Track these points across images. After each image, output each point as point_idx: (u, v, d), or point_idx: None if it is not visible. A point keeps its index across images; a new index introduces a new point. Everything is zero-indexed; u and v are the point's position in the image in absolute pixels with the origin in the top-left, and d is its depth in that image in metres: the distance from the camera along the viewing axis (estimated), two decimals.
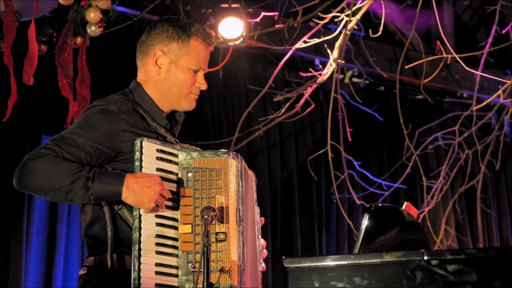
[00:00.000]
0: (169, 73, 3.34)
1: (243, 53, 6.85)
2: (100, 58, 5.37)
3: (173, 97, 3.35)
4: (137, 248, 3.01)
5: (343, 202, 7.09)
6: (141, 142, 3.09)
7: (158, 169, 3.11)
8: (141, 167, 3.09)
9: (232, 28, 6.16)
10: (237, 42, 6.13)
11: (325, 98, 7.20)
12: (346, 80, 7.44)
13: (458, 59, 5.49)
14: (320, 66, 6.63)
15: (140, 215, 3.06)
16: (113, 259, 3.14)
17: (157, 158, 3.14)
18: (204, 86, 3.40)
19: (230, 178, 3.17)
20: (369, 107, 7.17)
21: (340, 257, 2.45)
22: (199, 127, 6.65)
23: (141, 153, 3.10)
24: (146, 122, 3.28)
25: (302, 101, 6.04)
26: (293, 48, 6.17)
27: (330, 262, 2.45)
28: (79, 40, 4.49)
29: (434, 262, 2.33)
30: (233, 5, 6.23)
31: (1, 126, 4.67)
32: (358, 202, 6.52)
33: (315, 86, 6.05)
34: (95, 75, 4.77)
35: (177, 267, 3.08)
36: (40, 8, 4.14)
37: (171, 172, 3.15)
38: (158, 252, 3.06)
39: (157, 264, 3.05)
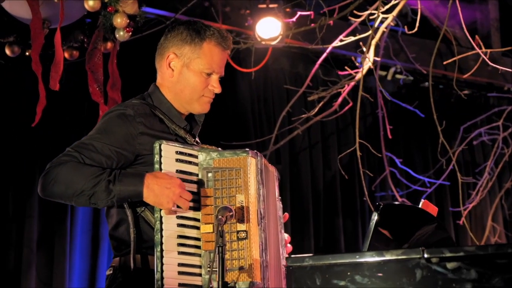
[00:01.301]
0: (181, 75, 3.38)
1: (284, 52, 6.87)
2: (133, 61, 5.45)
3: (186, 100, 3.39)
4: (159, 249, 3.06)
5: (387, 199, 7.06)
6: (160, 145, 3.14)
7: (178, 171, 3.16)
8: (160, 169, 3.13)
9: (269, 28, 6.20)
10: (274, 42, 6.16)
11: (367, 95, 7.18)
12: (389, 77, 7.42)
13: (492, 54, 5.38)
14: (362, 64, 6.60)
15: (161, 217, 3.11)
16: (136, 260, 3.20)
17: (177, 160, 3.18)
18: (217, 89, 3.42)
19: (250, 177, 3.19)
20: (414, 103, 7.13)
21: (341, 255, 2.46)
22: (239, 126, 6.70)
23: (160, 156, 3.15)
24: (164, 125, 3.33)
25: (340, 100, 6.04)
26: (330, 47, 6.17)
27: (331, 260, 2.46)
28: (109, 45, 4.58)
29: (433, 260, 2.33)
30: (271, 5, 6.26)
31: (42, 129, 4.79)
32: (399, 199, 6.49)
33: (352, 84, 6.03)
34: (128, 78, 4.86)
35: (200, 267, 3.12)
36: (68, 15, 4.24)
37: (191, 173, 3.19)
38: (180, 253, 3.10)
39: (180, 264, 3.10)
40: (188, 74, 3.37)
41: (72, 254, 5.81)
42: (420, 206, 3.21)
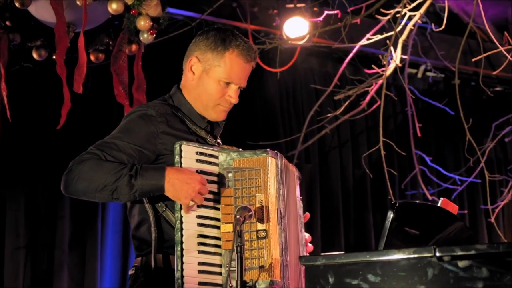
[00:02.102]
0: (200, 81, 3.40)
1: (313, 52, 6.88)
2: (159, 63, 5.50)
3: (202, 105, 3.42)
4: (179, 248, 3.10)
5: (418, 198, 7.04)
6: (180, 146, 3.18)
7: (198, 171, 3.19)
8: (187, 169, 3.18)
9: (296, 28, 6.21)
10: (301, 42, 6.17)
11: (397, 93, 7.16)
12: (419, 75, 7.38)
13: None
14: (386, 63, 6.59)
15: (181, 216, 3.14)
16: (157, 260, 3.24)
17: (197, 161, 3.21)
18: (234, 100, 3.43)
19: (270, 176, 3.22)
20: (444, 101, 7.09)
21: (354, 254, 2.47)
22: (268, 126, 6.72)
23: (181, 156, 3.18)
24: (185, 125, 3.36)
25: (367, 98, 6.03)
26: (357, 46, 6.16)
27: (344, 260, 2.47)
28: (134, 47, 4.62)
29: (445, 258, 2.33)
30: (298, 5, 6.28)
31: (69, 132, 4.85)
32: (430, 197, 6.47)
33: (380, 82, 6.01)
34: (154, 80, 4.91)
35: (220, 265, 3.15)
36: (93, 18, 4.29)
37: (211, 174, 3.22)
38: (200, 252, 3.14)
39: (200, 263, 3.13)
40: (206, 80, 3.39)
41: (103, 254, 5.88)
42: (439, 204, 3.20)
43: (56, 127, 4.42)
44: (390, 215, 2.77)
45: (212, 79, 3.38)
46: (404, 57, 6.03)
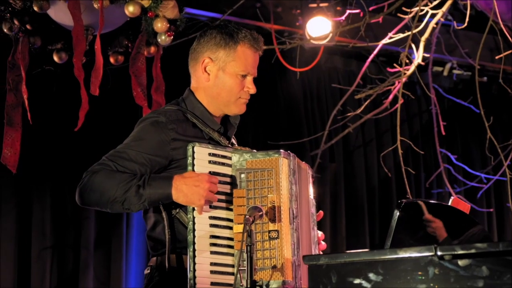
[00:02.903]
0: (218, 79, 3.44)
1: (338, 51, 6.88)
2: (180, 64, 5.52)
3: (223, 103, 3.46)
4: (191, 249, 3.14)
5: (444, 196, 7.01)
6: (192, 147, 3.21)
7: (211, 172, 3.22)
8: (193, 171, 3.21)
9: (319, 27, 6.22)
10: (324, 41, 6.18)
11: (422, 92, 7.12)
12: (445, 73, 7.34)
13: None
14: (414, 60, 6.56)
15: (194, 217, 3.18)
16: (171, 260, 3.28)
17: (210, 162, 3.24)
18: (252, 90, 3.48)
19: (282, 177, 3.24)
20: (472, 99, 7.04)
21: (356, 253, 2.49)
22: (292, 125, 6.73)
23: (193, 158, 3.22)
24: (198, 129, 3.40)
25: (390, 97, 6.01)
26: (380, 44, 6.15)
27: (346, 259, 2.49)
28: (152, 49, 4.67)
29: (446, 257, 2.34)
30: (321, 4, 6.28)
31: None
32: (454, 196, 6.41)
33: (403, 80, 5.99)
34: (173, 81, 4.94)
35: (233, 266, 3.18)
36: (111, 21, 4.34)
37: (224, 175, 3.25)
38: (212, 252, 3.17)
39: (212, 264, 3.16)
40: (224, 78, 3.43)
41: (128, 254, 5.94)
42: (450, 203, 3.20)
43: (74, 129, 4.48)
44: (396, 214, 2.78)
45: (229, 75, 3.42)
46: (426, 55, 6.00)
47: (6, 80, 4.55)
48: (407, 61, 5.88)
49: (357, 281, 2.44)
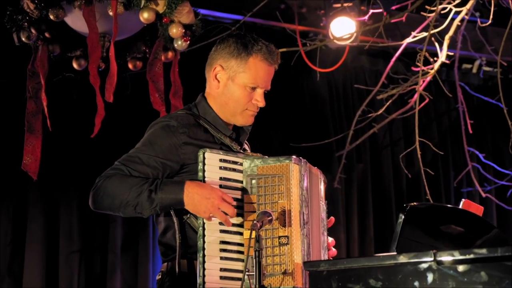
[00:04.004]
0: (226, 88, 3.44)
1: (363, 50, 6.84)
2: (197, 68, 5.54)
3: (229, 112, 3.45)
4: (201, 254, 3.15)
5: (474, 195, 6.93)
6: (203, 153, 3.22)
7: (222, 178, 3.23)
8: (204, 177, 3.22)
9: (343, 27, 6.20)
10: (348, 42, 6.16)
11: (451, 89, 7.05)
12: (474, 70, 7.27)
13: None
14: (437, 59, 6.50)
15: (203, 223, 3.19)
16: (182, 265, 3.29)
17: (220, 168, 3.25)
18: (261, 104, 3.45)
19: (292, 183, 3.23)
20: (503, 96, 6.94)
21: (356, 260, 2.49)
22: (319, 126, 6.72)
23: (204, 164, 3.23)
24: (209, 134, 3.40)
25: (416, 96, 5.95)
26: (405, 43, 6.11)
27: (346, 265, 2.48)
28: (170, 54, 4.68)
29: (445, 262, 2.32)
30: (345, 4, 6.26)
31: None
32: (483, 195, 6.37)
33: (428, 79, 5.94)
34: (192, 85, 4.95)
35: (242, 271, 3.18)
36: (128, 27, 4.37)
37: (235, 180, 3.26)
38: (222, 258, 3.18)
39: (222, 269, 3.17)
40: (232, 87, 3.43)
41: (155, 257, 5.97)
42: (461, 206, 3.16)
43: (91, 136, 4.52)
44: (401, 218, 2.76)
45: (238, 86, 3.41)
46: (450, 53, 5.94)
47: (26, 88, 4.61)
48: (432, 59, 5.83)
49: (357, 286, 2.43)
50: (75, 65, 4.83)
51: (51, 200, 5.78)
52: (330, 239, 3.55)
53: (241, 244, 3.21)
